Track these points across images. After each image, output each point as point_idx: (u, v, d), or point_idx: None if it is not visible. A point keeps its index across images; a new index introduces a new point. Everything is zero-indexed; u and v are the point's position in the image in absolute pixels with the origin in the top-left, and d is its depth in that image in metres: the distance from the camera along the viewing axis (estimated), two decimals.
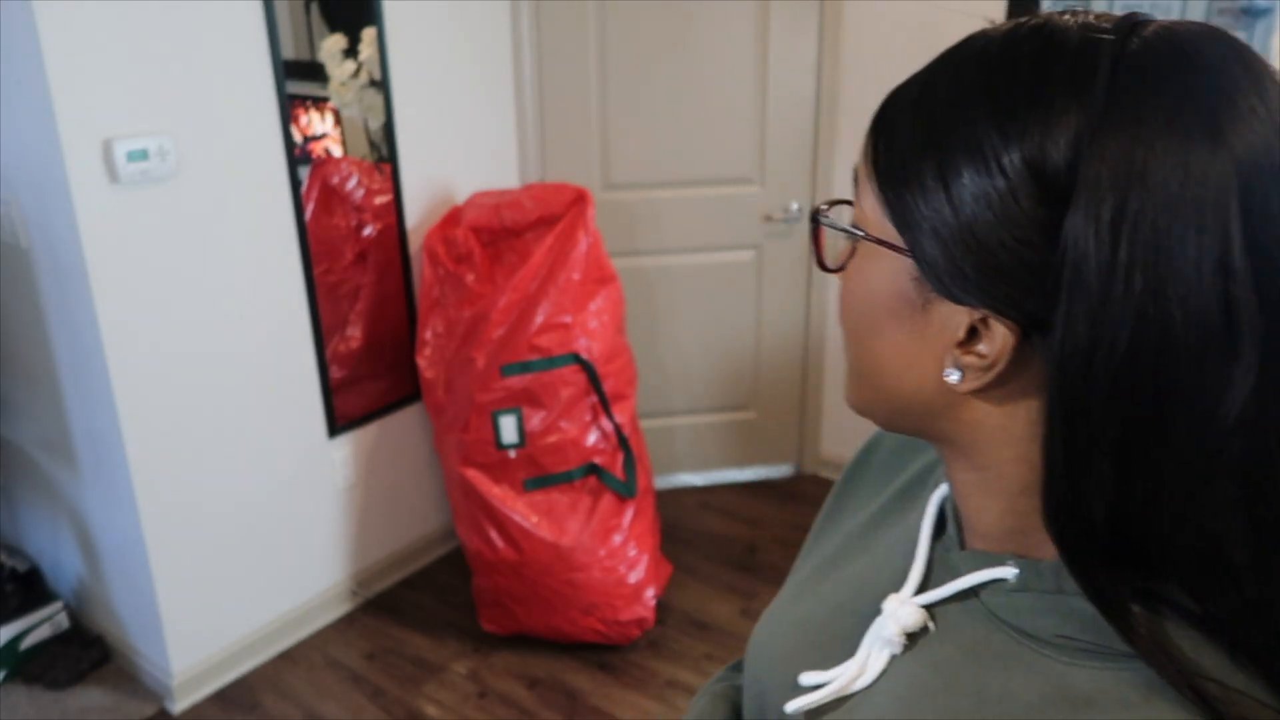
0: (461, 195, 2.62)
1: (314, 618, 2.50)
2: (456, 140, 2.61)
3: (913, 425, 0.53)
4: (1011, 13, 2.31)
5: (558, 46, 2.70)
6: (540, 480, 2.32)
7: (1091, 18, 0.45)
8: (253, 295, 2.19)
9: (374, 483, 2.59)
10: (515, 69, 2.72)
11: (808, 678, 0.58)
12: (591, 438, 2.33)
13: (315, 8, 2.21)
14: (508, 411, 2.27)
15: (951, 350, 0.47)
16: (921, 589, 0.55)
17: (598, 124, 2.78)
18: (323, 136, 2.30)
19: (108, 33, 1.82)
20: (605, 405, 2.33)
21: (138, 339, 1.99)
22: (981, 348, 0.46)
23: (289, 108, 2.17)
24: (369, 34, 2.32)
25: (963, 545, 0.55)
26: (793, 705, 0.57)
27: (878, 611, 0.56)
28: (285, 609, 2.43)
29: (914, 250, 0.47)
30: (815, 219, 0.55)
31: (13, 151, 1.93)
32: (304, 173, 2.25)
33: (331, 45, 2.26)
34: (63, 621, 2.41)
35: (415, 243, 2.54)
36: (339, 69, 2.28)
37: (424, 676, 2.32)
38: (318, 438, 2.41)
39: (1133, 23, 0.43)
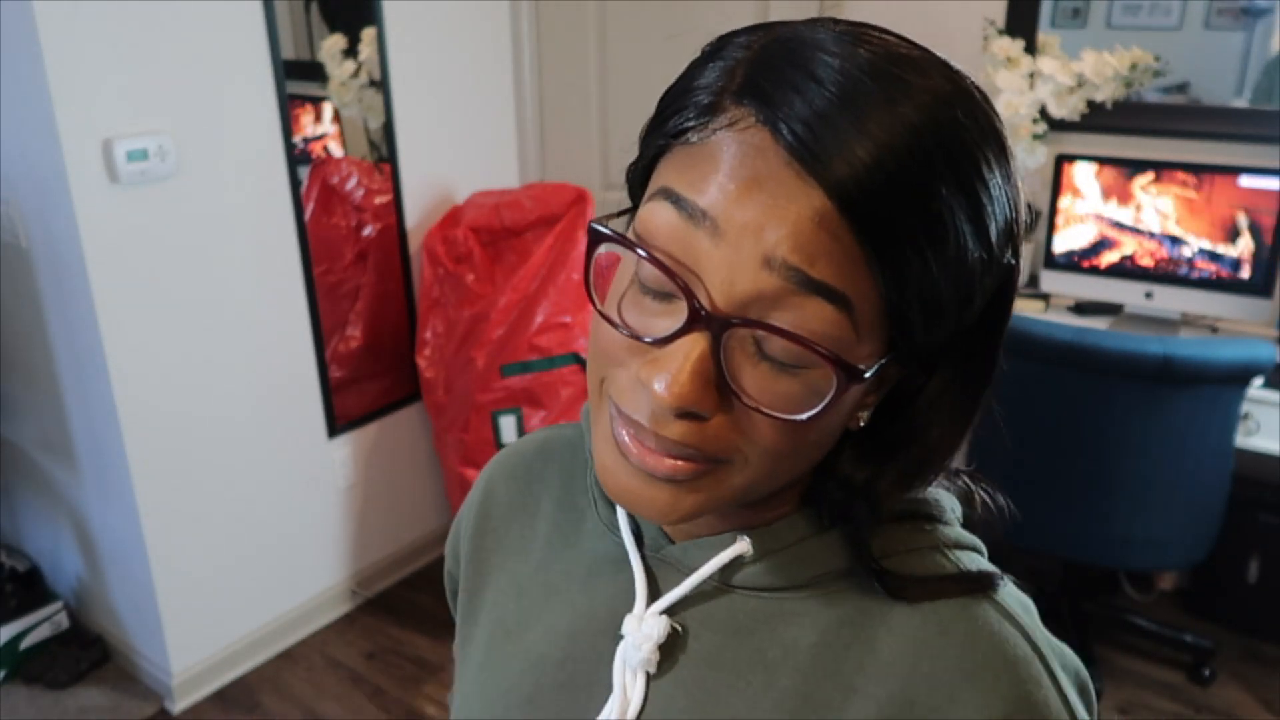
0: (461, 195, 2.62)
1: (314, 618, 2.50)
2: (456, 140, 2.61)
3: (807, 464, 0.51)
4: (1011, 12, 2.31)
5: (558, 46, 2.70)
6: None
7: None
8: (253, 295, 2.19)
9: (374, 483, 2.59)
10: (515, 69, 2.72)
11: None
12: None
13: (315, 8, 2.21)
14: (508, 411, 2.27)
15: (862, 403, 0.49)
16: (650, 599, 0.54)
17: (598, 124, 2.77)
18: (323, 136, 2.30)
19: (108, 33, 1.82)
20: None
21: (137, 339, 1.99)
22: (882, 385, 0.49)
23: (289, 108, 2.17)
24: (369, 34, 2.32)
25: (671, 542, 0.55)
26: None
27: (608, 643, 0.54)
28: (285, 609, 2.43)
29: (909, 352, 0.46)
30: (841, 380, 0.43)
31: (13, 151, 1.93)
32: (304, 173, 2.25)
33: (331, 45, 2.26)
34: (62, 621, 2.41)
35: (415, 243, 2.54)
36: (339, 69, 2.28)
37: (424, 676, 2.32)
38: (318, 438, 2.41)
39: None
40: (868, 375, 0.43)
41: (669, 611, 0.53)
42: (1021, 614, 0.50)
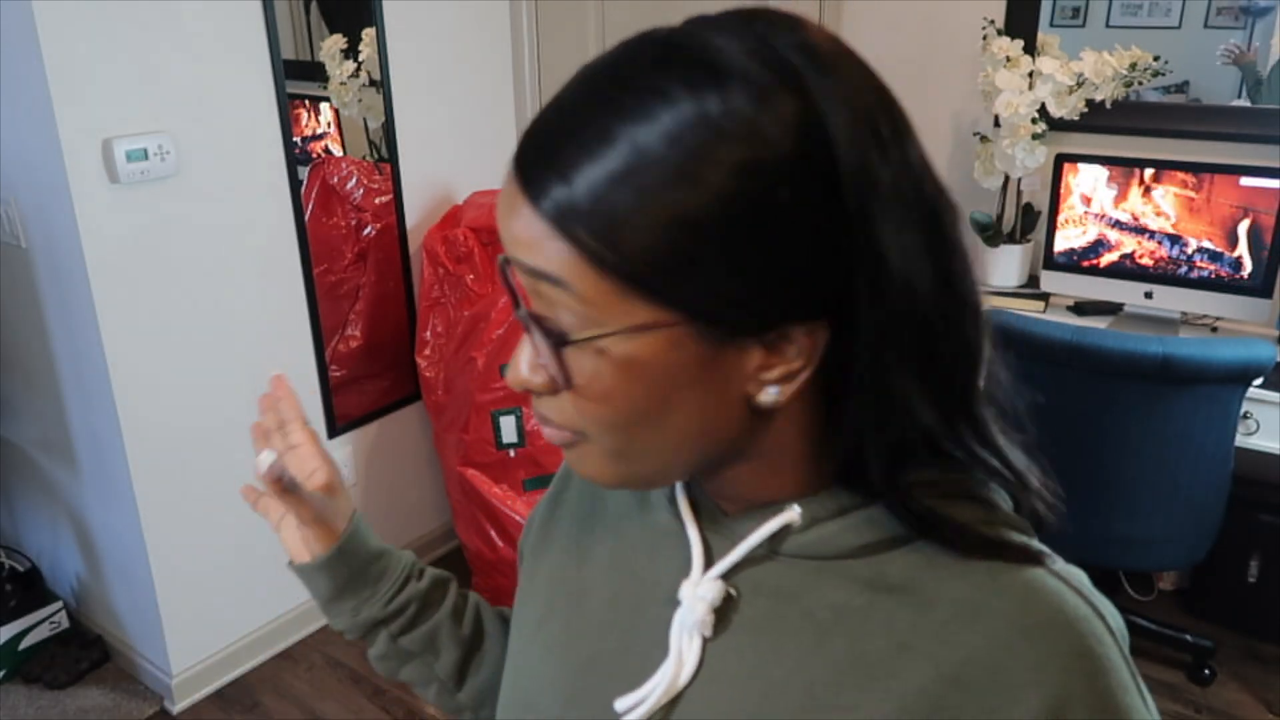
0: (461, 195, 2.62)
1: (314, 617, 2.49)
2: (456, 140, 2.61)
3: (710, 464, 0.52)
4: (1011, 12, 2.31)
5: (558, 46, 2.70)
6: (540, 480, 2.32)
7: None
8: (252, 295, 2.19)
9: (374, 483, 2.59)
10: (515, 69, 2.72)
11: (623, 702, 0.55)
12: None
13: (315, 8, 2.22)
14: (507, 411, 2.27)
15: (756, 377, 0.47)
16: (707, 567, 0.56)
17: None
18: (322, 136, 2.30)
19: (107, 32, 1.83)
20: None
21: (137, 339, 1.99)
22: (789, 358, 0.47)
23: (289, 108, 2.17)
24: (369, 34, 2.32)
25: (726, 515, 0.56)
26: (624, 703, 0.55)
27: (667, 610, 0.55)
28: (285, 609, 2.43)
29: (693, 314, 0.44)
30: (543, 338, 0.47)
31: (13, 151, 1.93)
32: (304, 172, 2.25)
33: (331, 45, 2.26)
34: (62, 621, 2.41)
35: (415, 242, 2.54)
36: (339, 69, 2.28)
37: None
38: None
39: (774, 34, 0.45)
40: (576, 339, 0.45)
41: (725, 578, 0.54)
42: (1079, 577, 0.50)
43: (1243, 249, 2.11)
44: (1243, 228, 2.10)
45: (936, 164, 0.48)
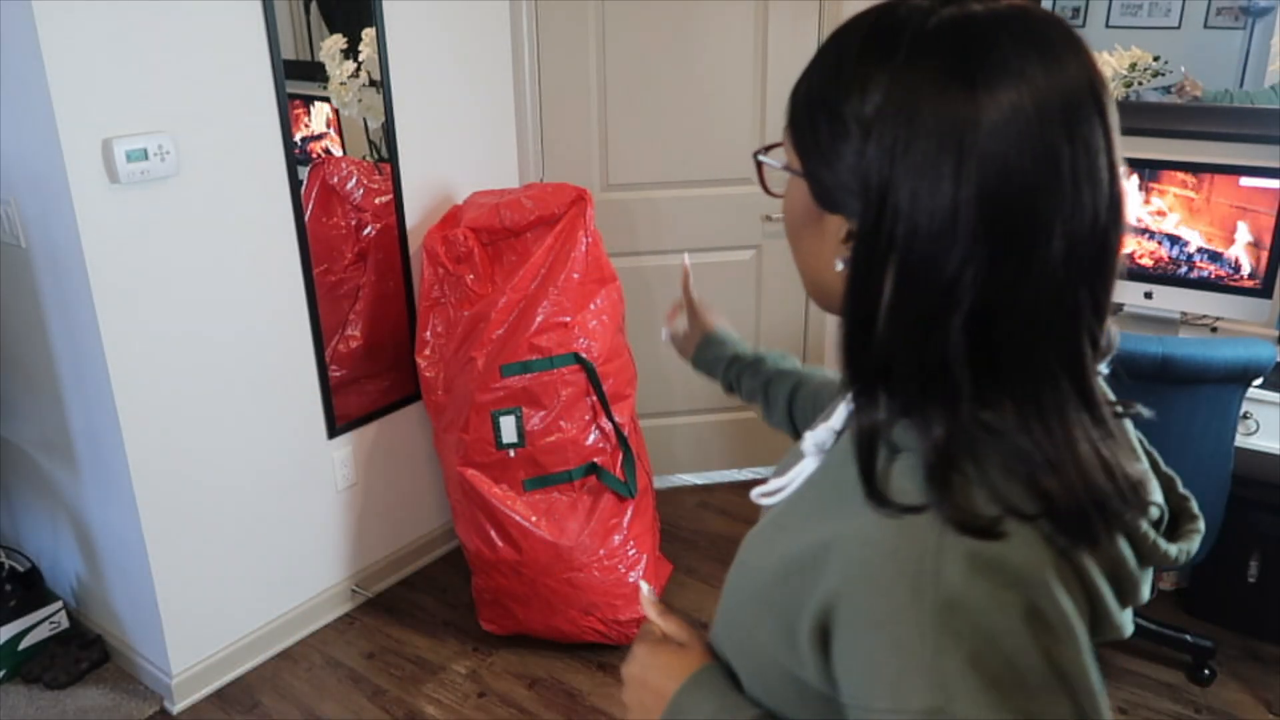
0: (461, 195, 2.62)
1: (314, 618, 2.50)
2: (456, 140, 2.61)
3: (833, 308, 0.67)
4: None
5: (558, 47, 2.70)
6: (540, 480, 2.32)
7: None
8: (252, 295, 2.19)
9: (374, 483, 2.59)
10: (515, 69, 2.72)
11: (758, 490, 0.77)
12: (591, 437, 2.33)
13: (315, 8, 2.22)
14: (507, 411, 2.27)
15: (839, 247, 0.63)
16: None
17: (597, 124, 2.77)
18: (322, 136, 2.30)
19: (107, 33, 1.83)
20: (605, 405, 2.33)
21: (137, 339, 1.99)
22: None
23: (289, 108, 2.17)
24: (369, 34, 2.32)
25: None
26: (754, 491, 0.78)
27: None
28: (285, 609, 2.43)
29: (809, 176, 0.64)
30: (756, 157, 0.73)
31: (13, 151, 1.93)
32: (303, 172, 2.25)
33: (331, 45, 2.26)
34: (62, 621, 2.41)
35: (415, 242, 2.54)
36: (338, 69, 2.28)
37: (424, 676, 2.32)
38: (318, 438, 2.41)
39: (942, 3, 0.58)
40: (763, 158, 0.72)
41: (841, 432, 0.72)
42: (964, 552, 0.54)
43: (1242, 249, 2.11)
44: (1242, 228, 2.10)
45: None
